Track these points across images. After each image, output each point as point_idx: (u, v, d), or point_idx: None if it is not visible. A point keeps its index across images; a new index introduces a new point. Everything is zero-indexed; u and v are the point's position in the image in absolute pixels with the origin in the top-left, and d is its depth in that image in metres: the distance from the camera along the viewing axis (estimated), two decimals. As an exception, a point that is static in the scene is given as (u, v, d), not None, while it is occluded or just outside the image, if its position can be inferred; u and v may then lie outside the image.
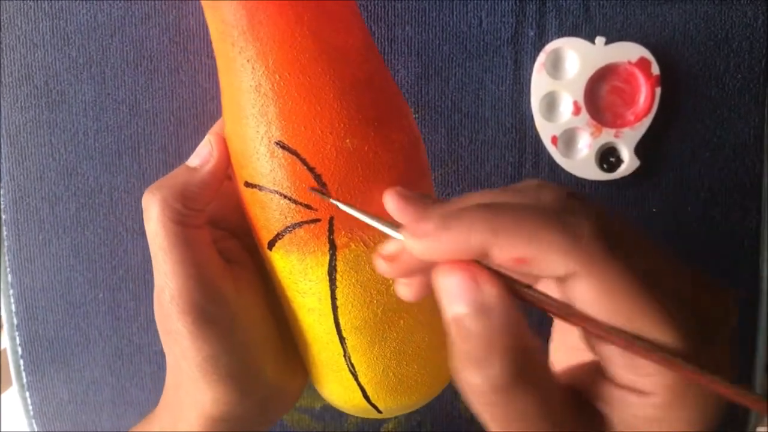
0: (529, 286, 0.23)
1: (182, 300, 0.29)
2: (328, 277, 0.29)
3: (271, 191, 0.28)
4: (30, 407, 0.55)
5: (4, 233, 0.52)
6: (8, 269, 0.52)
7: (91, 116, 0.50)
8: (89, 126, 0.50)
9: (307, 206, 0.28)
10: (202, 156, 0.31)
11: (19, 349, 0.53)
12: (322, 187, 0.28)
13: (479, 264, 0.22)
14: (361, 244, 0.29)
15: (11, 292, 0.52)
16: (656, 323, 0.20)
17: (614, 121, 0.48)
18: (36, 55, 0.49)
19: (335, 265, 0.29)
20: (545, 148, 0.48)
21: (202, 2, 0.28)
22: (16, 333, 0.53)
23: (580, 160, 0.48)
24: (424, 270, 0.24)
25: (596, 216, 0.21)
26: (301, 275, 0.30)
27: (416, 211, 0.25)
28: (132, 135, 0.50)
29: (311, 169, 0.28)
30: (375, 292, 0.30)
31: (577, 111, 0.47)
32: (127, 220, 0.51)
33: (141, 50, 0.49)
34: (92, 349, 0.53)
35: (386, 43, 0.48)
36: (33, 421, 0.55)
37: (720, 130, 0.48)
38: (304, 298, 0.30)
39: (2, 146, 0.50)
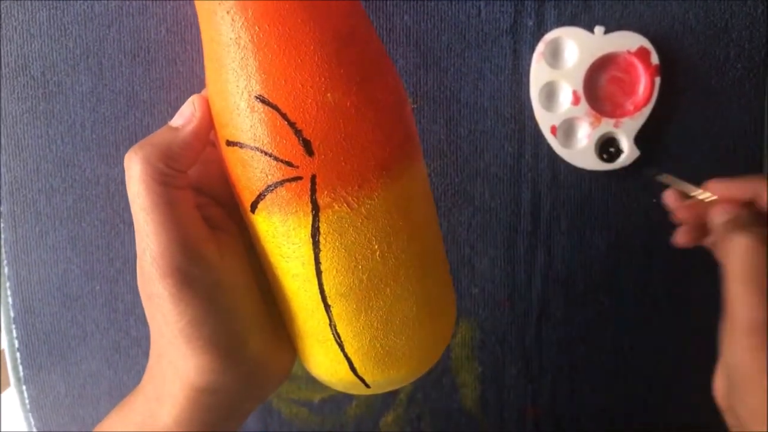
0: None
1: (164, 262, 0.28)
2: (311, 240, 0.29)
3: (251, 148, 0.28)
4: (27, 401, 0.54)
5: (1, 225, 0.51)
6: (5, 261, 0.52)
7: (89, 107, 0.50)
8: (86, 117, 0.50)
9: (288, 163, 0.27)
10: (185, 116, 0.30)
11: (16, 342, 0.53)
12: (304, 143, 0.27)
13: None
14: (345, 205, 0.28)
15: (8, 284, 0.52)
16: None
17: (614, 110, 0.48)
18: (33, 45, 0.49)
19: (318, 226, 0.28)
20: (544, 138, 0.48)
21: None
22: (13, 326, 0.53)
23: (580, 150, 0.48)
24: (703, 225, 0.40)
25: None
26: (284, 238, 0.29)
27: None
28: (129, 126, 0.50)
29: (292, 124, 0.27)
30: (360, 257, 0.29)
31: (576, 101, 0.47)
32: (124, 212, 0.51)
33: (138, 41, 0.49)
34: (89, 341, 0.53)
35: (385, 32, 0.48)
36: (30, 414, 0.54)
37: (720, 120, 0.48)
38: (287, 263, 0.30)
39: (-1, 137, 0.50)
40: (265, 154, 0.28)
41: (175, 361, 0.30)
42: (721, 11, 0.47)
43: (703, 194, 0.40)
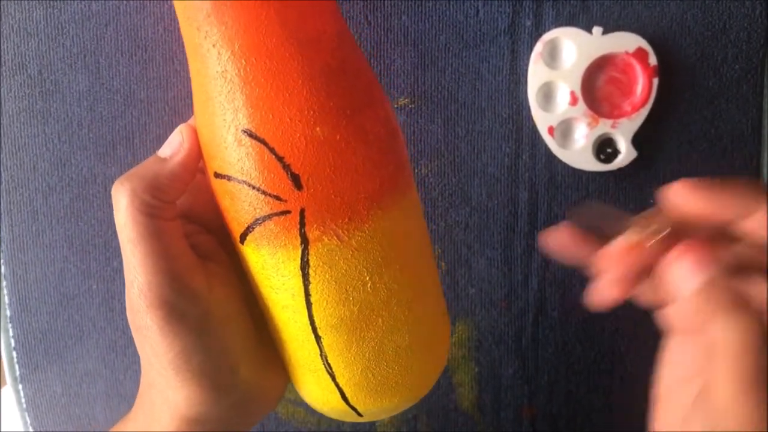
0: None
1: (151, 294, 0.28)
2: (300, 272, 0.28)
3: (239, 182, 0.27)
4: (23, 400, 0.54)
5: (-2, 224, 0.51)
6: (1, 260, 0.52)
7: (86, 106, 0.50)
8: (83, 116, 0.50)
9: (277, 197, 0.27)
10: (173, 146, 0.30)
11: (12, 341, 0.53)
12: (292, 178, 0.27)
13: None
14: (335, 237, 0.28)
15: (4, 283, 0.52)
16: None
17: (611, 111, 0.48)
18: (30, 44, 0.49)
19: (308, 259, 0.28)
20: (542, 138, 0.48)
21: None
22: (9, 325, 0.53)
23: (577, 151, 0.48)
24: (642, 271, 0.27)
25: None
26: (273, 270, 0.29)
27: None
28: (126, 125, 0.50)
29: (280, 159, 0.27)
30: (351, 288, 0.29)
31: (574, 101, 0.47)
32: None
33: (136, 40, 0.49)
34: (86, 341, 0.53)
35: (382, 32, 0.48)
36: (26, 413, 0.54)
37: (718, 121, 0.48)
38: (277, 295, 0.29)
39: (-4, 136, 0.50)
40: (253, 188, 0.27)
41: (165, 392, 0.30)
42: (719, 12, 0.47)
43: (644, 229, 0.27)
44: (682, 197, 0.26)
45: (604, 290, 0.28)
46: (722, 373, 0.24)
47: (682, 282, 0.26)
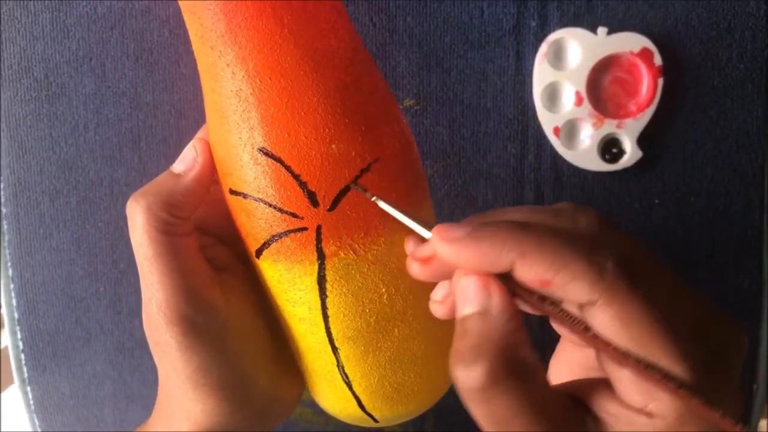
0: (554, 303, 0.24)
1: (170, 311, 0.28)
2: (317, 287, 0.29)
3: (255, 199, 0.28)
4: (31, 402, 0.54)
5: (5, 227, 0.51)
6: (8, 263, 0.52)
7: (92, 109, 0.50)
8: (89, 119, 0.50)
9: (293, 215, 0.27)
10: (187, 162, 0.30)
11: (20, 344, 0.53)
12: (309, 195, 0.27)
13: (494, 276, 0.24)
14: (351, 252, 0.28)
15: (12, 286, 0.52)
16: (669, 354, 0.22)
17: (616, 111, 0.48)
18: (36, 47, 0.49)
19: (324, 274, 0.28)
20: (547, 139, 0.48)
21: (181, 4, 0.27)
22: (17, 327, 0.53)
23: (583, 151, 0.48)
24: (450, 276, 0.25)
25: (626, 248, 0.23)
26: (290, 284, 0.29)
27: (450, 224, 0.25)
28: (132, 128, 0.50)
29: (296, 177, 0.27)
30: (367, 301, 0.29)
31: (579, 102, 0.47)
32: (128, 214, 0.51)
33: (141, 43, 0.49)
34: (93, 343, 0.53)
35: (387, 33, 0.48)
36: (34, 415, 0.55)
37: (723, 121, 0.48)
38: (294, 308, 0.30)
39: (2, 139, 0.50)
40: (270, 205, 0.27)
41: (184, 404, 0.30)
42: (723, 12, 0.47)
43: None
44: (441, 250, 0.24)
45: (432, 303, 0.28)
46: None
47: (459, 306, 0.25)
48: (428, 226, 0.25)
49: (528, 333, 0.24)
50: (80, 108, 0.50)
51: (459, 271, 0.24)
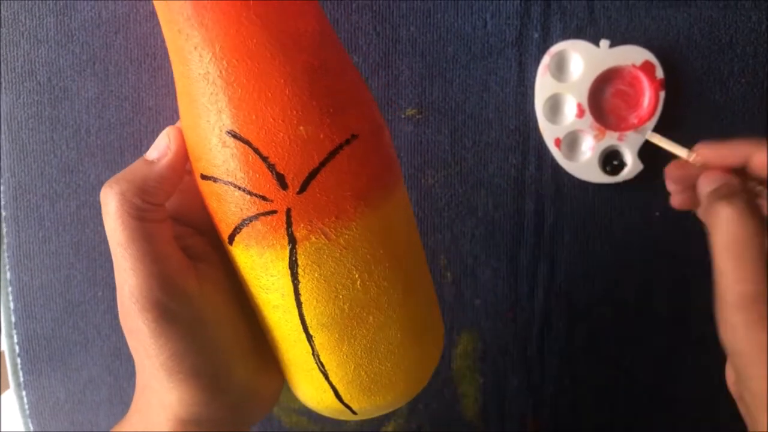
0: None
1: (142, 297, 0.28)
2: (289, 272, 0.28)
3: (225, 183, 0.27)
4: (26, 406, 0.54)
5: (4, 230, 0.51)
6: (7, 266, 0.52)
7: (94, 113, 0.50)
8: (91, 123, 0.50)
9: (263, 197, 0.27)
10: (160, 149, 0.30)
11: (17, 348, 0.53)
12: (277, 177, 0.27)
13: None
14: (322, 236, 0.28)
15: (10, 289, 0.52)
16: None
17: (618, 124, 0.48)
18: (39, 51, 0.49)
19: (296, 259, 0.28)
20: (549, 150, 0.48)
21: None
22: (14, 331, 0.53)
23: (584, 163, 0.48)
24: (692, 187, 0.38)
25: None
26: (262, 270, 0.29)
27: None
28: (134, 132, 0.50)
29: (264, 159, 0.27)
30: (340, 287, 0.29)
31: (580, 114, 0.47)
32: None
33: (145, 47, 0.49)
34: (90, 348, 0.53)
35: (391, 43, 0.48)
36: (29, 420, 0.54)
37: (723, 135, 0.48)
38: (267, 295, 0.29)
39: (3, 142, 0.50)
40: (239, 188, 0.27)
41: (159, 393, 0.30)
42: (725, 26, 0.47)
43: (693, 158, 0.39)
44: (704, 152, 0.39)
45: (674, 197, 0.40)
46: (715, 247, 0.34)
47: (702, 188, 0.37)
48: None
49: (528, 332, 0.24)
50: (82, 112, 0.50)
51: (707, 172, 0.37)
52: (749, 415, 0.34)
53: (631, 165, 0.47)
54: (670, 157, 0.47)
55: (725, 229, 0.34)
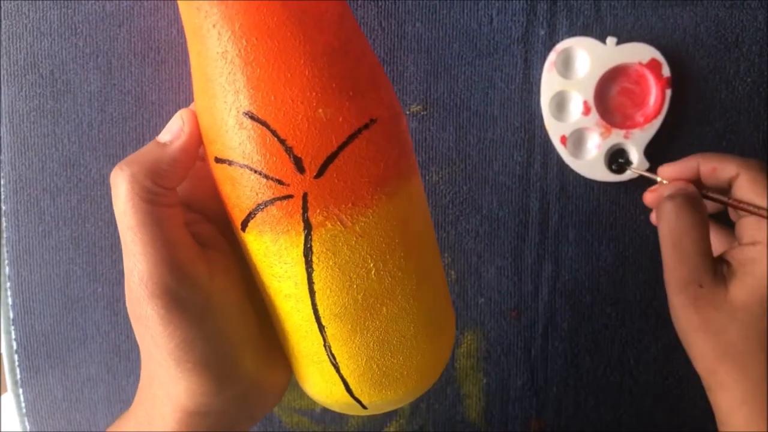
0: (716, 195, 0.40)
1: (152, 282, 0.27)
2: (303, 259, 0.28)
3: (241, 166, 0.27)
4: (23, 404, 0.53)
5: (4, 224, 0.51)
6: (6, 261, 0.51)
7: (96, 107, 0.49)
8: (94, 117, 0.49)
9: (279, 181, 0.27)
10: (173, 132, 0.29)
11: (15, 344, 0.52)
12: (295, 161, 0.26)
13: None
14: (338, 223, 0.27)
15: (8, 284, 0.51)
16: None
17: (624, 122, 0.48)
18: (42, 43, 0.49)
19: (311, 246, 0.27)
20: (554, 147, 0.48)
21: None
22: (12, 327, 0.52)
23: (589, 161, 0.48)
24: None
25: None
26: (275, 258, 0.28)
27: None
28: (137, 127, 0.49)
29: (282, 141, 0.26)
30: (355, 276, 0.28)
31: (586, 111, 0.47)
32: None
33: (148, 41, 0.49)
34: (89, 345, 0.52)
35: (396, 39, 0.48)
36: (26, 419, 0.53)
37: (729, 134, 0.48)
38: (280, 283, 0.29)
39: (4, 135, 0.50)
40: (255, 171, 0.27)
41: (166, 384, 0.29)
42: (732, 25, 0.47)
43: (661, 180, 0.44)
44: (663, 170, 0.43)
45: (653, 216, 0.47)
46: (660, 238, 0.39)
47: (663, 195, 0.41)
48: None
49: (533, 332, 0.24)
50: (85, 105, 0.49)
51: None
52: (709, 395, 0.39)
53: (637, 163, 0.47)
54: (677, 156, 0.47)
55: (665, 221, 0.39)
